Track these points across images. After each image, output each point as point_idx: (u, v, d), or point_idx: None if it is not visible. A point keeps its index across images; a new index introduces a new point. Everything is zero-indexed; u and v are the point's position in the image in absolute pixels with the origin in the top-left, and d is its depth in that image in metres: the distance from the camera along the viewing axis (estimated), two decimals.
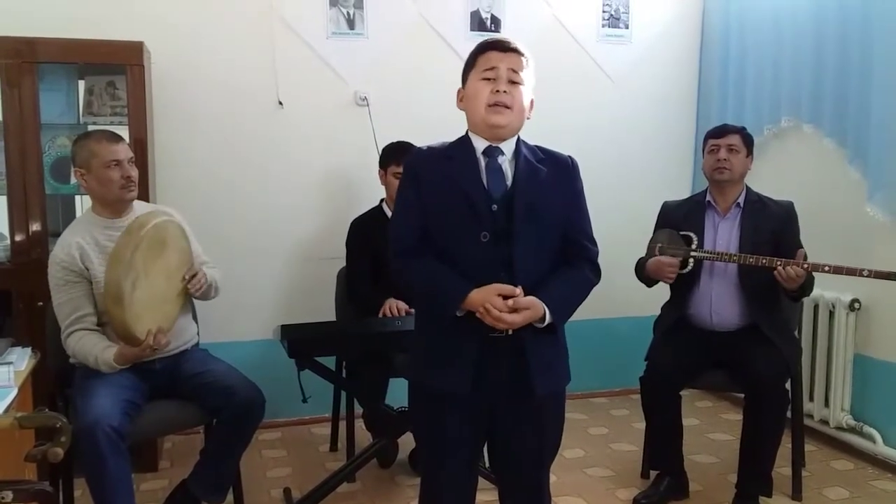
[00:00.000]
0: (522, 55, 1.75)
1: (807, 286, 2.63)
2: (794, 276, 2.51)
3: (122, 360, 2.26)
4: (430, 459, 1.88)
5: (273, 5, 3.44)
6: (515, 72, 1.73)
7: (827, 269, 2.51)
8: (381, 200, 3.18)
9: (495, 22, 3.76)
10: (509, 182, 1.74)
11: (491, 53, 1.74)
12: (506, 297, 1.66)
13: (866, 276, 2.47)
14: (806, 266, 2.51)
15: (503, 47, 1.74)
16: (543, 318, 1.70)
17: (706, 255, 2.75)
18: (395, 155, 3.04)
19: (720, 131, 2.87)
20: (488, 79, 1.72)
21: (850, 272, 2.49)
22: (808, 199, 3.04)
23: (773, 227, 2.76)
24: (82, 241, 2.38)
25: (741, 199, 2.84)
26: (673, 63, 4.08)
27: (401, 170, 2.99)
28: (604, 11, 3.93)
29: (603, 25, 3.94)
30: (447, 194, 1.74)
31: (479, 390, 1.73)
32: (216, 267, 2.65)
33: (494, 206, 1.72)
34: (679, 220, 2.89)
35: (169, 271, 2.33)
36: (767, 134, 3.60)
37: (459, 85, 1.83)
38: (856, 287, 3.13)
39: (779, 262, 2.55)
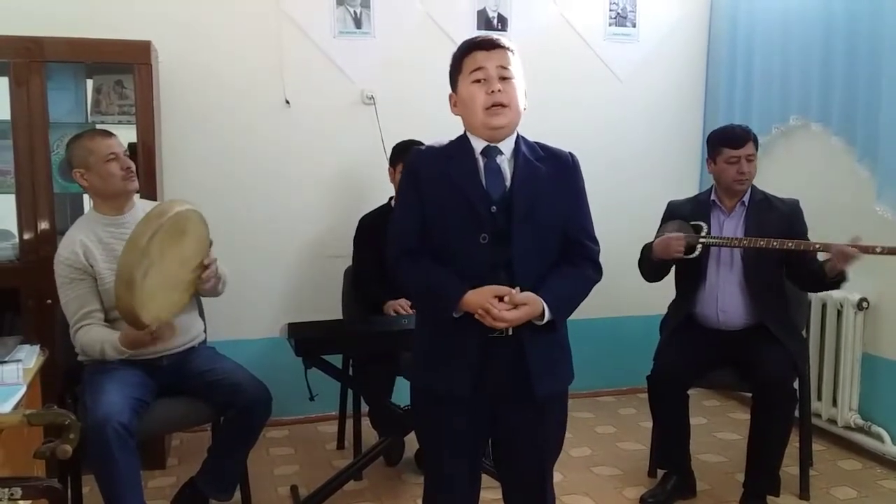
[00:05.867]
0: (507, 49, 1.72)
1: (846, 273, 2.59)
2: (852, 254, 2.46)
3: (127, 341, 2.27)
4: (433, 460, 1.88)
5: (280, 4, 3.45)
6: (504, 68, 1.70)
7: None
8: (391, 198, 3.17)
9: (502, 21, 3.76)
10: (508, 183, 1.72)
11: (476, 54, 1.70)
12: (502, 298, 1.64)
13: (879, 253, 2.43)
14: (818, 246, 2.53)
15: (487, 45, 1.71)
16: (542, 316, 1.68)
17: (715, 240, 2.74)
18: (406, 152, 3.04)
19: (737, 141, 2.75)
20: (479, 80, 1.69)
21: (864, 250, 2.44)
22: (817, 198, 3.04)
23: (778, 224, 2.74)
24: (86, 239, 2.40)
25: (746, 198, 2.83)
26: (680, 62, 4.07)
27: None
28: (611, 10, 3.92)
29: (610, 24, 3.93)
30: (447, 195, 1.72)
31: (479, 391, 1.72)
32: (223, 264, 2.65)
33: (493, 208, 1.70)
34: (685, 217, 2.87)
35: (184, 258, 2.32)
36: (776, 132, 3.59)
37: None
38: (864, 286, 3.12)
39: (790, 244, 2.56)
